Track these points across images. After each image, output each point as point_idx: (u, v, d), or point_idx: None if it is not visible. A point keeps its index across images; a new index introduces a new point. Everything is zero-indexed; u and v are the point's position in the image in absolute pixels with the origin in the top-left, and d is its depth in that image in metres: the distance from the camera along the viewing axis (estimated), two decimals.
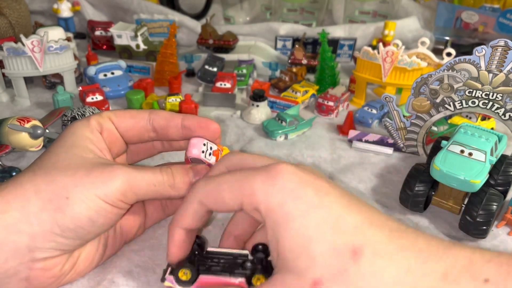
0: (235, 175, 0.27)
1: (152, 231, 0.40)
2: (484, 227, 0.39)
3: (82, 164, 0.29)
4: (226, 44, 0.81)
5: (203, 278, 0.29)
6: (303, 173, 0.25)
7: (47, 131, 0.48)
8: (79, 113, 0.55)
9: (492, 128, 0.61)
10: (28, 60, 0.64)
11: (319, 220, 0.23)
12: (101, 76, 0.70)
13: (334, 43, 0.85)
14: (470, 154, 0.40)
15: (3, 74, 0.67)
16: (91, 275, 0.35)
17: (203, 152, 0.35)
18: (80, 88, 0.64)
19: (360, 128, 0.61)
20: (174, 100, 0.63)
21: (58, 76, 0.70)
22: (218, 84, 0.68)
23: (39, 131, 0.46)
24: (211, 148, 0.36)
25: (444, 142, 0.42)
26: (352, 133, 0.57)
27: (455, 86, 0.46)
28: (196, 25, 0.92)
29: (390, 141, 0.55)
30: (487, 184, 0.40)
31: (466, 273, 0.22)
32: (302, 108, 0.67)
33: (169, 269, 0.30)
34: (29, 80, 0.70)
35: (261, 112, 0.62)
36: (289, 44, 0.87)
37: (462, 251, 0.23)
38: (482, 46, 0.43)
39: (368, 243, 0.23)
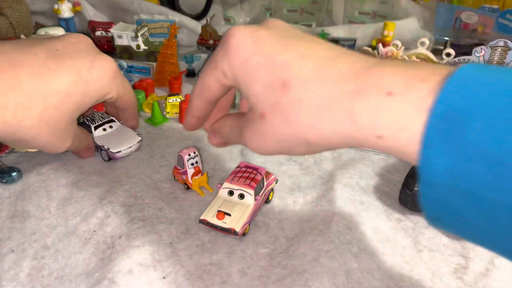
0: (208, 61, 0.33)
1: (152, 225, 0.40)
2: None
3: None
4: None
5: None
6: (245, 29, 0.29)
7: None
8: (88, 118, 0.54)
9: None
10: None
11: (255, 64, 0.27)
12: None
13: (334, 44, 0.85)
14: None
15: None
16: (91, 271, 0.35)
17: (189, 155, 0.45)
18: None
19: None
20: (174, 100, 0.63)
21: None
22: None
23: None
24: (196, 163, 0.46)
25: None
26: None
27: None
28: (196, 26, 0.92)
29: None
30: None
31: (373, 88, 0.23)
32: None
33: None
34: None
35: None
36: None
37: (379, 68, 0.24)
38: (481, 47, 0.43)
39: (294, 75, 0.26)
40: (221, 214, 0.39)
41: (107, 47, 0.90)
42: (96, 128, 0.52)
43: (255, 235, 0.40)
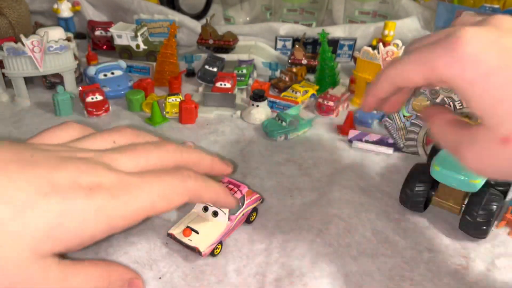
0: (416, 53, 0.27)
1: (151, 220, 0.40)
2: (484, 227, 0.39)
3: None
4: (226, 44, 0.81)
5: None
6: (485, 34, 0.24)
7: None
8: None
9: None
10: (28, 60, 0.64)
11: (503, 82, 0.23)
12: (101, 76, 0.70)
13: (334, 43, 0.85)
14: None
15: (3, 74, 0.67)
16: None
17: None
18: (80, 88, 0.64)
19: (360, 128, 0.61)
20: (174, 100, 0.63)
21: (58, 76, 0.70)
22: (218, 84, 0.68)
23: None
24: None
25: None
26: (352, 133, 0.57)
27: None
28: (196, 25, 0.91)
29: (390, 141, 0.55)
30: (487, 184, 0.40)
31: None
32: (302, 108, 0.67)
33: None
34: (29, 80, 0.70)
35: (261, 112, 0.62)
36: (289, 44, 0.87)
37: None
38: None
39: None
40: (188, 230, 0.36)
41: (107, 46, 0.89)
42: None
43: (251, 235, 0.40)
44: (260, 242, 0.39)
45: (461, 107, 0.47)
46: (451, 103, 0.47)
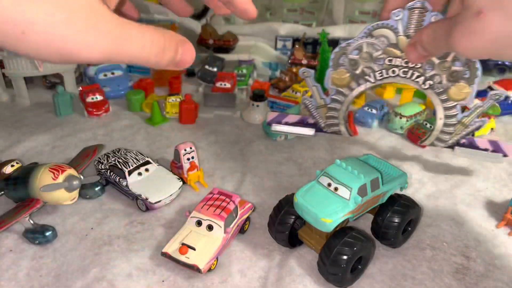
0: None
1: (151, 230, 0.40)
2: (337, 274, 0.33)
3: None
4: (226, 44, 0.81)
5: None
6: None
7: (82, 178, 0.40)
8: (120, 161, 0.44)
9: (491, 129, 0.60)
10: (28, 60, 0.64)
11: None
12: (101, 76, 0.70)
13: (334, 43, 0.85)
14: (336, 189, 0.35)
15: (3, 74, 0.67)
16: (87, 267, 0.35)
17: (185, 150, 0.45)
18: (80, 88, 0.64)
19: (360, 129, 0.61)
20: (174, 100, 0.63)
21: (58, 76, 0.70)
22: (218, 84, 0.68)
23: (75, 183, 0.38)
24: (192, 158, 0.46)
25: (317, 172, 0.38)
26: (271, 115, 0.54)
27: (375, 55, 0.44)
28: (196, 25, 0.92)
29: (311, 121, 0.51)
30: (378, 223, 0.37)
31: None
32: (302, 108, 0.67)
33: None
34: (29, 80, 0.70)
35: (261, 112, 0.62)
36: (289, 44, 0.87)
37: None
38: (398, 9, 0.41)
39: None
40: (185, 248, 0.35)
41: None
42: (130, 173, 0.43)
43: (253, 236, 0.40)
44: (262, 247, 0.39)
45: (381, 77, 0.45)
46: (371, 74, 0.45)
